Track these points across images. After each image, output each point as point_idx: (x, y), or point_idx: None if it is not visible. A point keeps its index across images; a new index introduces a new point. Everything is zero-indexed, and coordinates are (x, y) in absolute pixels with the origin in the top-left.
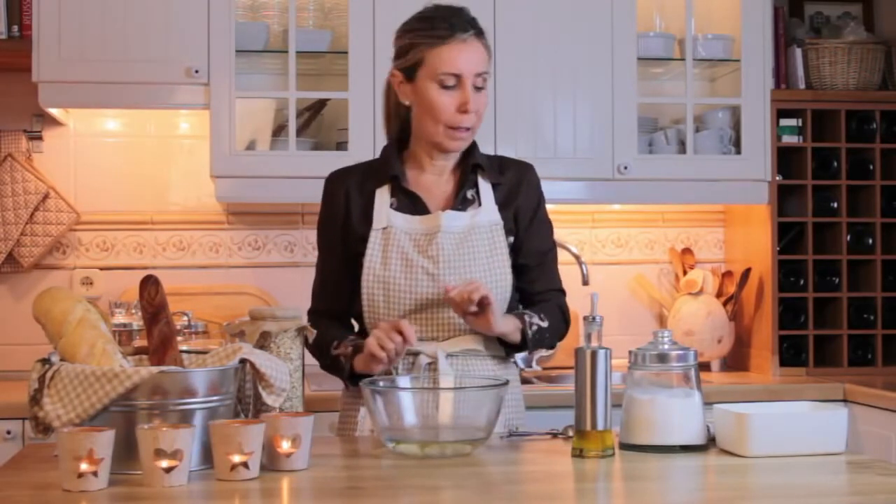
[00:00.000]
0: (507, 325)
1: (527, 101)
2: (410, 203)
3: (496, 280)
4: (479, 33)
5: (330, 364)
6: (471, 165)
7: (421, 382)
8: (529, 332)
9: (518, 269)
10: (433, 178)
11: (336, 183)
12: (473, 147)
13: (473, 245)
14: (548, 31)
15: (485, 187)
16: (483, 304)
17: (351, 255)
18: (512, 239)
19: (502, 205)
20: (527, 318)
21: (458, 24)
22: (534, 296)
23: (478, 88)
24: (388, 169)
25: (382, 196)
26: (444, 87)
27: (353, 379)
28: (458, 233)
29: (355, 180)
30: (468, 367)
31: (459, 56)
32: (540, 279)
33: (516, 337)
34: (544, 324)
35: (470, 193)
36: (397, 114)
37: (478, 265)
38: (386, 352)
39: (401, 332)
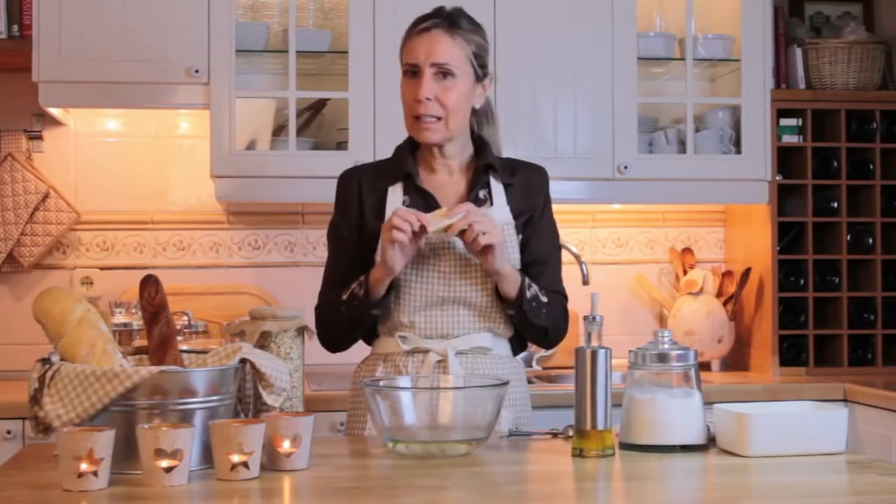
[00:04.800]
0: (508, 270)
1: (527, 100)
2: (423, 201)
3: None
4: (450, 25)
5: (344, 312)
6: (483, 166)
7: (431, 381)
8: (527, 293)
9: (522, 270)
10: (444, 178)
11: (348, 180)
12: (486, 147)
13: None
14: (548, 31)
15: (497, 188)
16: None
17: (363, 250)
18: (521, 238)
19: (513, 206)
20: (527, 281)
21: (425, 17)
22: None
23: (442, 77)
24: (402, 167)
25: (395, 194)
26: (408, 78)
27: (371, 305)
28: None
29: (367, 177)
30: (477, 365)
31: (416, 46)
32: (540, 279)
33: (513, 291)
34: (544, 299)
35: (482, 193)
36: None
37: None
38: (408, 223)
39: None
